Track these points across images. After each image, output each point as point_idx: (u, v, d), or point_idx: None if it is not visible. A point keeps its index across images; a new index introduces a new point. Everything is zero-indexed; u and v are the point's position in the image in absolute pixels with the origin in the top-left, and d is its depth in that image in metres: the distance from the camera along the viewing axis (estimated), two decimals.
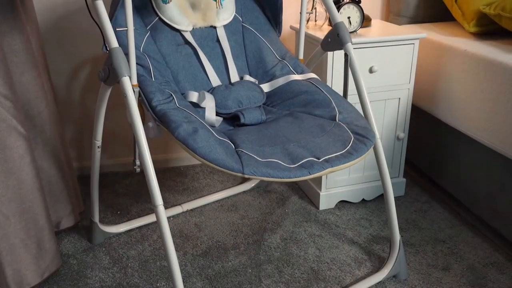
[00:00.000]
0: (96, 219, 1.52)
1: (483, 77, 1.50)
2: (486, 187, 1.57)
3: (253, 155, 1.04)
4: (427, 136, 1.86)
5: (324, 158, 1.05)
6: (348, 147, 1.10)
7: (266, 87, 1.39)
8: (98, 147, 1.36)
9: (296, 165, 1.03)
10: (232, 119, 1.30)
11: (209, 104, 1.27)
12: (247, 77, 1.42)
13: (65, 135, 1.67)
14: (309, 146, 1.10)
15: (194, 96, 1.29)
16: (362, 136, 1.14)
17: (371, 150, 1.13)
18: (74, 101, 1.90)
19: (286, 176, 1.00)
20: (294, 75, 1.38)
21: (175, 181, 1.96)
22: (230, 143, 1.10)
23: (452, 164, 1.73)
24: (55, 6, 1.74)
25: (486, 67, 1.48)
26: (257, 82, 1.40)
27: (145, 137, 1.04)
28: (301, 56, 1.46)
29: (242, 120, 1.25)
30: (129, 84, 1.05)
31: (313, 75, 1.38)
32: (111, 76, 1.08)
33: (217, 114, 1.28)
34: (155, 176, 1.03)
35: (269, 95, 1.38)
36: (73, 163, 1.81)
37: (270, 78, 1.41)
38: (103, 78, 1.12)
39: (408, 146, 1.84)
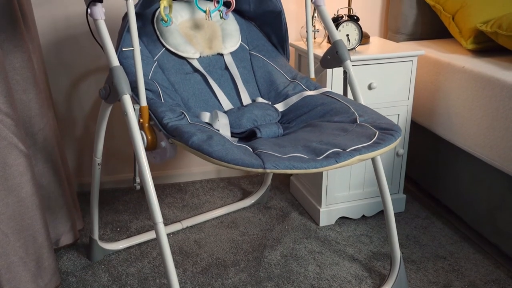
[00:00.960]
0: (96, 236, 1.52)
1: (481, 94, 1.51)
2: (486, 203, 1.57)
3: (273, 153, 0.98)
4: (427, 152, 1.86)
5: (351, 148, 0.99)
6: (375, 138, 1.04)
7: (280, 107, 1.34)
8: (98, 164, 1.36)
9: (321, 157, 0.96)
10: (247, 138, 1.22)
11: (223, 121, 1.21)
12: (260, 99, 1.38)
13: (65, 151, 1.67)
14: (332, 142, 1.03)
15: (206, 117, 1.24)
16: (388, 129, 1.08)
17: (399, 140, 1.07)
18: (74, 117, 1.91)
19: (311, 166, 0.93)
20: (307, 92, 1.34)
21: (175, 197, 1.96)
22: (248, 147, 1.04)
23: (452, 180, 1.74)
24: (57, 24, 1.76)
25: (483, 84, 1.50)
26: (270, 103, 1.36)
27: (145, 154, 1.04)
28: (312, 75, 1.44)
29: (259, 135, 1.18)
30: (129, 102, 1.05)
31: (326, 89, 1.34)
32: (112, 94, 1.08)
33: (232, 134, 1.22)
34: (155, 194, 1.04)
35: (284, 113, 1.32)
36: (73, 179, 1.81)
37: (283, 98, 1.37)
38: (104, 96, 1.12)
39: (408, 162, 1.84)
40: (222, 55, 1.42)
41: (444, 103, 1.69)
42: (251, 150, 1.03)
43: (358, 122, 1.14)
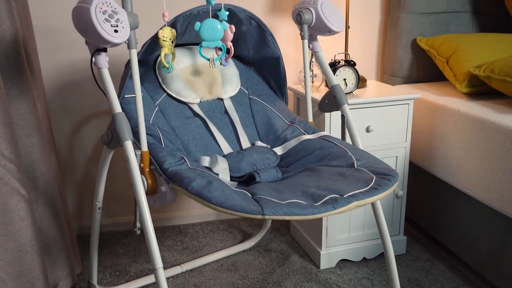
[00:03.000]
0: (94, 280, 1.51)
1: (477, 136, 1.54)
2: (487, 245, 1.57)
3: (272, 199, 0.99)
4: (426, 193, 1.87)
5: (348, 194, 1.00)
6: (372, 184, 1.05)
7: (279, 150, 1.36)
8: (99, 208, 1.37)
9: (319, 203, 0.97)
10: (246, 182, 1.24)
11: (223, 166, 1.23)
12: (259, 143, 1.41)
13: (65, 195, 1.68)
14: (330, 187, 1.04)
15: (206, 161, 1.26)
16: (385, 174, 1.09)
17: (396, 186, 1.08)
18: (75, 160, 1.93)
19: (310, 213, 0.94)
20: (305, 136, 1.36)
21: (175, 240, 1.95)
22: (247, 193, 1.05)
23: (452, 222, 1.73)
24: (62, 70, 1.81)
25: (479, 127, 1.52)
26: (269, 147, 1.38)
27: (146, 200, 1.05)
28: (310, 119, 1.47)
29: (258, 179, 1.20)
30: (131, 147, 1.07)
31: (324, 133, 1.36)
32: (114, 140, 1.10)
33: (231, 178, 1.24)
34: (155, 239, 1.04)
35: (282, 157, 1.34)
36: (73, 222, 1.81)
37: (282, 141, 1.39)
38: (106, 142, 1.14)
39: (407, 203, 1.85)
40: (222, 99, 1.45)
41: (441, 145, 1.71)
42: (250, 195, 1.04)
43: (356, 166, 1.16)
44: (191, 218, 2.09)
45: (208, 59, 1.29)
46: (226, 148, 1.38)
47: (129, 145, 1.08)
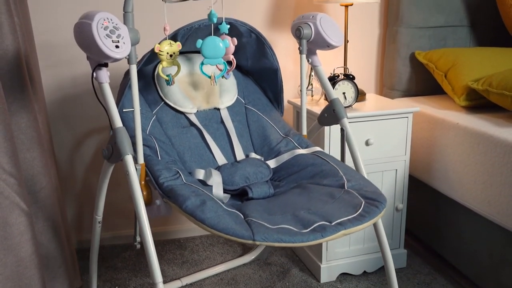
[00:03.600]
0: None
1: (476, 150, 1.54)
2: (488, 258, 1.56)
3: (263, 223, 1.02)
4: (426, 206, 1.87)
5: (336, 221, 1.03)
6: (360, 210, 1.07)
7: (272, 163, 1.38)
8: (99, 222, 1.37)
9: (308, 229, 1.00)
10: (239, 196, 1.28)
11: (216, 180, 1.25)
12: (253, 155, 1.43)
13: (65, 208, 1.68)
14: (320, 212, 1.07)
15: (200, 174, 1.28)
16: (373, 200, 1.11)
17: (383, 213, 1.10)
18: (75, 174, 1.93)
19: (299, 240, 0.97)
20: (299, 150, 1.38)
21: (175, 253, 1.94)
22: (239, 213, 1.08)
23: (453, 235, 1.73)
24: (63, 84, 1.82)
25: (478, 140, 1.53)
26: (262, 159, 1.40)
27: (146, 214, 1.05)
28: (304, 132, 1.48)
29: (250, 195, 1.23)
30: (131, 162, 1.08)
31: (318, 148, 1.38)
32: (115, 154, 1.11)
33: (225, 191, 1.26)
34: (155, 253, 1.04)
35: (275, 170, 1.37)
36: (72, 236, 1.80)
37: (275, 154, 1.41)
38: (107, 156, 1.15)
39: (407, 216, 1.85)
40: (218, 109, 1.47)
41: (440, 158, 1.72)
42: (242, 216, 1.06)
43: (346, 188, 1.19)
44: (191, 231, 2.09)
45: (210, 77, 1.30)
46: (221, 159, 1.40)
47: (129, 159, 1.08)
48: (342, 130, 1.40)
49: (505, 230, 1.46)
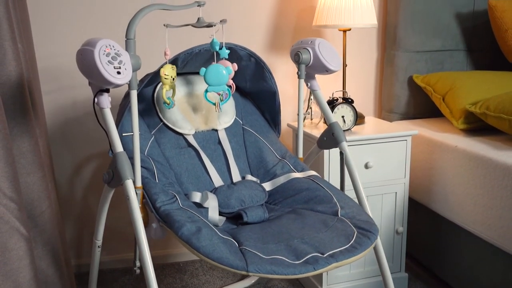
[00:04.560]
0: None
1: (475, 173, 1.55)
2: (489, 281, 1.55)
3: (257, 253, 1.04)
4: (427, 229, 1.86)
5: (328, 253, 1.04)
6: (352, 241, 1.09)
7: (267, 186, 1.41)
8: (98, 246, 1.36)
9: (300, 261, 1.02)
10: (235, 218, 1.30)
11: (212, 204, 1.28)
12: (249, 177, 1.44)
13: (65, 232, 1.67)
14: (313, 241, 1.09)
15: (197, 197, 1.30)
16: (365, 230, 1.13)
17: (375, 244, 1.12)
18: (75, 198, 1.93)
19: (291, 272, 0.99)
20: (294, 173, 1.41)
21: (174, 277, 1.93)
22: (234, 241, 1.10)
23: (453, 258, 1.72)
24: (64, 109, 1.84)
25: (477, 163, 1.53)
26: (258, 181, 1.43)
27: (146, 239, 1.05)
28: (300, 155, 1.50)
29: (245, 219, 1.25)
30: (132, 186, 1.08)
31: (313, 173, 1.40)
32: (115, 179, 1.11)
33: (220, 213, 1.28)
34: (155, 279, 1.03)
35: (271, 193, 1.39)
36: (71, 261, 1.79)
37: (271, 177, 1.44)
38: (107, 181, 1.15)
39: (408, 239, 1.84)
40: (216, 130, 1.48)
41: (440, 181, 1.72)
42: (237, 245, 1.08)
43: (339, 215, 1.21)
44: (191, 255, 2.08)
45: (214, 104, 1.32)
46: (217, 180, 1.42)
47: (129, 184, 1.09)
48: (341, 153, 1.41)
49: (506, 254, 1.46)
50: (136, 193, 1.09)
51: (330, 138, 1.43)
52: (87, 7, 1.77)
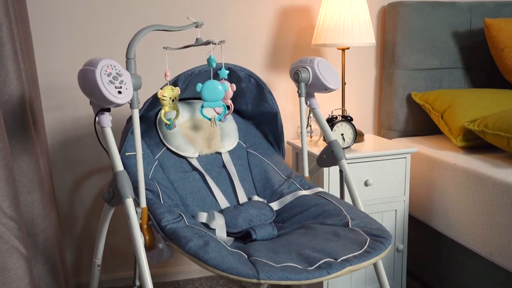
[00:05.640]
0: None
1: (474, 190, 1.55)
2: None
3: (267, 262, 1.01)
4: (427, 246, 1.85)
5: (342, 258, 1.02)
6: (366, 247, 1.07)
7: (275, 205, 1.38)
8: (98, 265, 1.36)
9: (313, 267, 0.99)
10: (243, 238, 1.27)
11: (219, 223, 1.25)
12: (256, 198, 1.42)
13: (64, 251, 1.67)
14: (325, 249, 1.06)
15: (203, 217, 1.28)
16: (378, 237, 1.11)
17: (389, 249, 1.09)
18: (75, 217, 1.93)
19: (304, 278, 0.96)
20: (302, 191, 1.38)
21: None
22: (243, 253, 1.07)
23: (454, 275, 1.71)
24: (65, 127, 1.84)
25: (476, 181, 1.54)
26: (265, 202, 1.40)
27: (146, 258, 1.05)
28: (306, 174, 1.49)
29: (254, 236, 1.22)
30: (132, 205, 1.08)
31: (320, 189, 1.38)
32: (115, 198, 1.12)
33: (228, 234, 1.26)
34: None
35: (279, 212, 1.36)
36: (71, 280, 1.78)
37: (278, 196, 1.41)
38: (108, 199, 1.15)
39: (409, 257, 1.83)
40: (220, 153, 1.48)
41: (439, 198, 1.72)
42: (246, 256, 1.05)
43: (350, 226, 1.18)
44: (191, 273, 2.07)
45: (210, 119, 1.33)
46: (224, 202, 1.40)
47: (130, 202, 1.09)
48: (341, 171, 1.41)
49: (506, 271, 1.45)
50: (137, 212, 1.09)
51: (330, 156, 1.43)
52: (89, 26, 1.80)
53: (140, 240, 1.07)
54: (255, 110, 1.56)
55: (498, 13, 2.07)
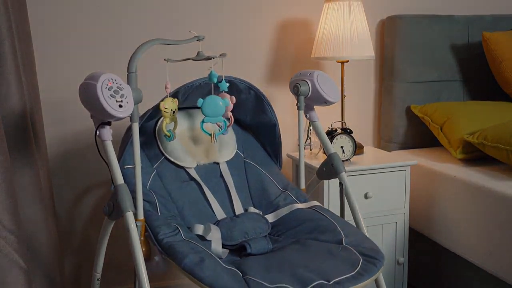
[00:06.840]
0: None
1: (473, 203, 1.55)
2: None
3: (261, 282, 1.02)
4: (428, 259, 1.85)
5: (334, 280, 1.03)
6: (358, 268, 1.07)
7: (270, 218, 1.40)
8: (97, 279, 1.35)
9: None
10: (238, 251, 1.28)
11: (215, 236, 1.26)
12: (252, 209, 1.43)
13: (64, 264, 1.66)
14: (318, 270, 1.07)
15: (200, 229, 1.29)
16: (371, 257, 1.12)
17: (381, 271, 1.10)
18: (75, 230, 1.92)
19: None
20: (297, 204, 1.40)
21: None
22: (238, 271, 1.09)
23: None
24: (65, 141, 1.85)
25: (475, 193, 1.54)
26: (261, 213, 1.41)
27: (146, 271, 1.05)
28: (302, 186, 1.50)
29: (249, 250, 1.23)
30: (132, 219, 1.08)
31: (316, 203, 1.39)
32: (116, 211, 1.12)
33: (223, 246, 1.27)
34: None
35: (274, 225, 1.38)
36: None
37: (274, 208, 1.42)
38: (108, 213, 1.15)
39: (409, 270, 1.82)
40: (218, 163, 1.49)
41: (440, 211, 1.72)
42: (241, 275, 1.07)
43: (344, 243, 1.20)
44: (190, 286, 2.05)
45: (210, 134, 1.33)
46: (220, 213, 1.41)
47: (130, 216, 1.09)
48: (340, 184, 1.41)
49: (508, 285, 1.44)
50: (137, 225, 1.09)
51: (330, 169, 1.44)
52: (91, 40, 1.81)
53: (140, 254, 1.06)
54: (254, 121, 1.57)
55: (496, 26, 2.08)
